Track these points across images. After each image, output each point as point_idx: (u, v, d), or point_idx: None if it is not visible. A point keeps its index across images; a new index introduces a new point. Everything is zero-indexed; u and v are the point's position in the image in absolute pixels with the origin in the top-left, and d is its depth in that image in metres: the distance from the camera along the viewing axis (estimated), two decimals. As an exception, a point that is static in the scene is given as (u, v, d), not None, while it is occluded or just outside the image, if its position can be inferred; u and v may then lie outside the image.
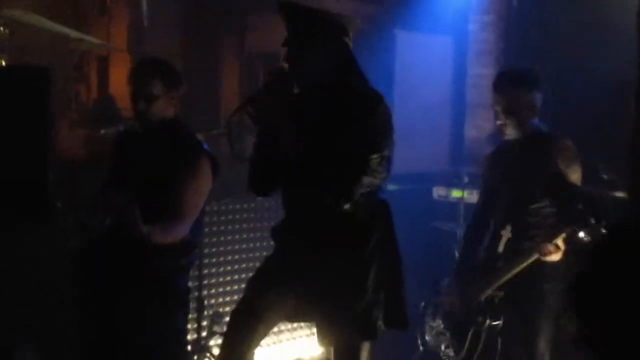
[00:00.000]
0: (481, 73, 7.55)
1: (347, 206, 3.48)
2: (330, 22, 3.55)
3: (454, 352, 4.61)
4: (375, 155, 3.44)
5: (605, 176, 5.78)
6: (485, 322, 4.46)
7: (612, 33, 6.42)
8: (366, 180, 3.44)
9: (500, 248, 4.41)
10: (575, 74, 6.84)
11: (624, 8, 6.01)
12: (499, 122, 4.40)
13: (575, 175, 4.34)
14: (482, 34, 7.52)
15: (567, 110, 6.73)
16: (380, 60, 3.70)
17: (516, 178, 4.42)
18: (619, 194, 5.44)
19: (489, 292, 4.43)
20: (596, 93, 6.58)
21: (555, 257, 4.22)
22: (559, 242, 4.17)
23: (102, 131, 8.13)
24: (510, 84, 4.41)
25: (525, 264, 4.27)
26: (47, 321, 4.69)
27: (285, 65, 3.57)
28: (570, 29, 7.00)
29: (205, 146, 4.02)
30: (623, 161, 4.95)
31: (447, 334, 4.67)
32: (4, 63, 6.36)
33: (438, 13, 7.44)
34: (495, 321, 4.47)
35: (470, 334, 4.52)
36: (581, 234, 4.08)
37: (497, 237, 4.44)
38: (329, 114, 3.48)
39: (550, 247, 4.18)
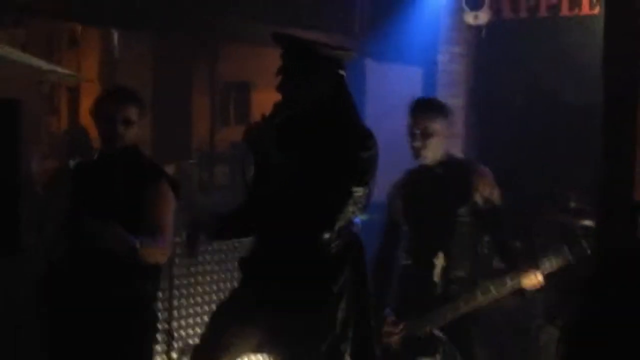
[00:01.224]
0: (451, 103, 7.60)
1: (326, 236, 3.50)
2: (325, 55, 3.59)
3: None
4: (359, 189, 3.48)
5: (573, 204, 5.83)
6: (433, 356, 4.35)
7: (579, 63, 6.51)
8: (348, 212, 3.48)
9: (435, 277, 4.34)
10: (543, 104, 6.93)
11: (589, 39, 6.11)
12: (416, 145, 4.35)
13: (498, 201, 4.39)
14: (451, 64, 7.60)
15: (535, 139, 6.81)
16: (351, 90, 3.76)
17: (439, 205, 4.41)
18: (587, 223, 5.49)
19: (440, 324, 4.32)
20: (565, 122, 6.67)
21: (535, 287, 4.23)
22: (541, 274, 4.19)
23: (72, 162, 8.09)
24: (432, 108, 4.42)
25: (505, 293, 4.24)
26: (17, 352, 4.65)
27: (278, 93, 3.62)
28: (538, 59, 7.09)
29: (164, 170, 4.12)
30: (592, 189, 4.99)
31: None
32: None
33: (408, 44, 7.51)
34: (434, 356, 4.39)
35: None
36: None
37: (428, 266, 4.35)
38: (319, 143, 3.50)
39: (539, 278, 4.18)
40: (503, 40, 7.30)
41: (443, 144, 4.38)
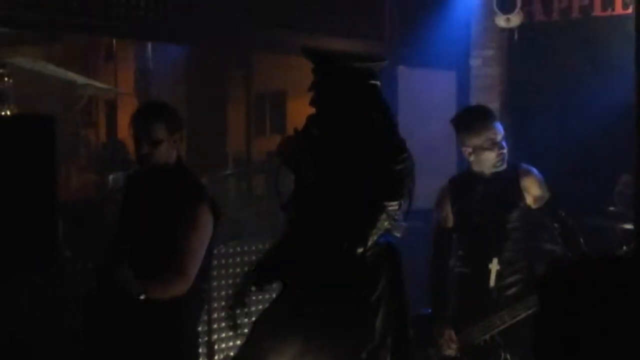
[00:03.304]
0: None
1: (360, 251, 3.49)
2: (355, 67, 3.55)
3: None
4: (393, 203, 3.46)
5: (612, 208, 5.77)
6: None
7: (613, 64, 6.44)
8: (382, 226, 3.46)
9: (491, 283, 4.35)
10: (579, 106, 6.86)
11: (624, 39, 6.05)
12: (484, 157, 4.39)
13: (548, 194, 4.46)
14: (485, 68, 7.55)
15: (571, 142, 6.73)
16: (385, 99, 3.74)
17: (490, 211, 4.41)
18: (627, 226, 5.42)
19: (498, 329, 4.32)
20: (601, 124, 6.58)
21: None
22: None
23: (111, 176, 8.16)
24: (488, 119, 4.44)
25: None
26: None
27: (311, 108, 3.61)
28: (571, 61, 7.03)
29: (206, 191, 3.95)
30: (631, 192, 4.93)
31: None
32: (9, 113, 6.39)
33: (440, 48, 7.47)
34: None
35: None
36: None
37: (483, 272, 4.36)
38: (352, 157, 3.49)
39: None
40: (536, 43, 7.25)
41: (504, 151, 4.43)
